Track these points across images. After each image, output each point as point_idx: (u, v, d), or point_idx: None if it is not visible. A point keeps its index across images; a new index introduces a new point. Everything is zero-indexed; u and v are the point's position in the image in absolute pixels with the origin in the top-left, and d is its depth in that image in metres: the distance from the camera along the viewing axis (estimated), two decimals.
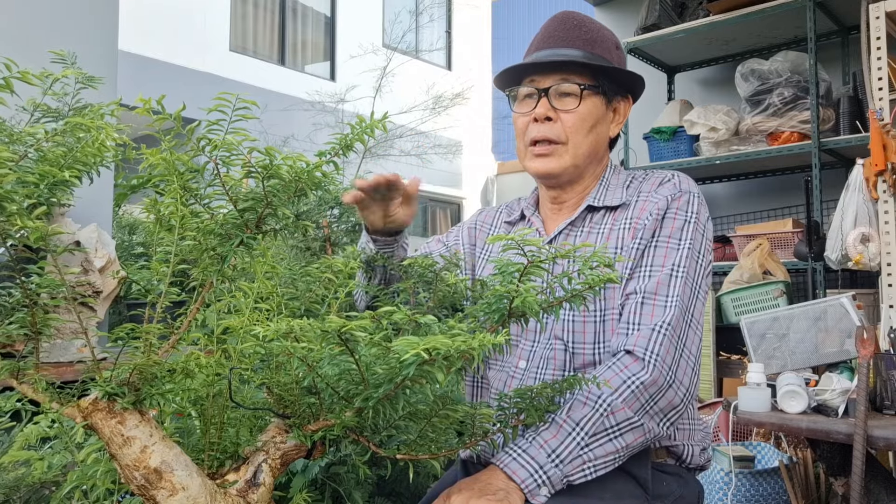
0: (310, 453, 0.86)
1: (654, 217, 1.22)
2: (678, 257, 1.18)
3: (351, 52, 10.90)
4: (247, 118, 0.71)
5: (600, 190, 1.32)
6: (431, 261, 1.10)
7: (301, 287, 1.00)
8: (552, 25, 1.32)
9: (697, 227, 1.22)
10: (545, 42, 1.31)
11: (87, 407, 0.73)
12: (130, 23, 7.52)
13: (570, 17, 1.33)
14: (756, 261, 3.27)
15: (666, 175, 1.29)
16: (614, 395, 1.07)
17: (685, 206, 1.23)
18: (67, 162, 0.68)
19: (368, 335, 0.66)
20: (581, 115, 1.27)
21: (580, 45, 1.29)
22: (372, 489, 1.80)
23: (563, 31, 1.30)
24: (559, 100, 1.27)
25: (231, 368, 0.81)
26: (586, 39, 1.29)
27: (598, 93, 1.28)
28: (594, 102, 1.28)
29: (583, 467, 1.04)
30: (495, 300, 0.79)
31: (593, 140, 1.29)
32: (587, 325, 1.21)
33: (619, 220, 1.26)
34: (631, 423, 1.07)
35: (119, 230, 3.02)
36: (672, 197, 1.24)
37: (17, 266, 0.70)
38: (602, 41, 1.31)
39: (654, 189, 1.27)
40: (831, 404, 1.85)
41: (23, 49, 2.22)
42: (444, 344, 0.62)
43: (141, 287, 0.78)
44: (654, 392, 1.09)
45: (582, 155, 1.28)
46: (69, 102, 0.89)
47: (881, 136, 2.45)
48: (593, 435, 1.05)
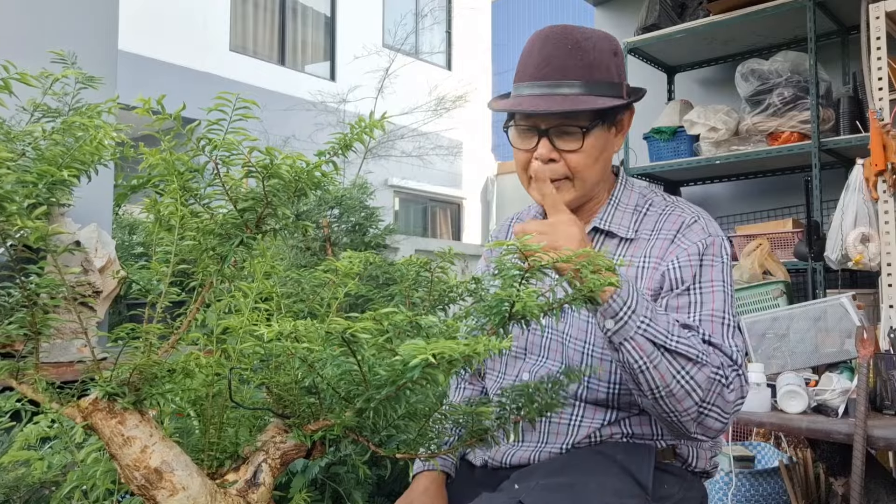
0: (309, 453, 0.86)
1: (691, 265, 1.19)
2: (723, 302, 1.18)
3: (351, 52, 10.91)
4: (247, 118, 0.71)
5: (608, 210, 1.29)
6: (427, 259, 1.10)
7: (307, 289, 1.00)
8: (546, 48, 1.22)
9: (731, 270, 1.23)
10: (540, 71, 1.21)
11: (88, 407, 0.73)
12: (130, 23, 7.52)
13: (566, 36, 1.22)
14: (756, 261, 3.27)
15: (689, 214, 1.26)
16: (707, 356, 1.08)
17: (720, 252, 1.22)
18: (66, 161, 0.68)
19: (372, 337, 0.67)
20: (586, 153, 1.21)
21: (578, 75, 1.20)
22: (372, 489, 1.80)
23: (560, 58, 1.20)
24: (561, 139, 1.21)
25: (231, 368, 0.81)
26: (584, 64, 1.20)
27: (601, 124, 1.22)
28: (597, 135, 1.22)
29: (652, 342, 1.04)
30: (496, 303, 0.79)
31: (601, 168, 1.26)
32: (604, 364, 1.21)
33: (638, 257, 1.24)
34: (704, 378, 1.06)
35: (119, 230, 3.02)
36: (705, 244, 1.21)
37: (17, 266, 0.70)
38: (600, 59, 1.22)
39: (676, 229, 1.24)
40: (831, 404, 1.85)
41: (23, 49, 2.22)
42: (451, 349, 0.63)
43: (141, 287, 0.78)
44: (725, 388, 1.09)
45: (590, 184, 1.25)
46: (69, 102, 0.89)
47: (881, 136, 2.45)
48: (678, 339, 1.06)
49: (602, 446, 1.20)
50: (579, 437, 1.21)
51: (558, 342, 1.26)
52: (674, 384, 1.04)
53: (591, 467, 1.15)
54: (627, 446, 1.20)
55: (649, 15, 3.92)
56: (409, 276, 1.04)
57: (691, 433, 1.10)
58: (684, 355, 1.05)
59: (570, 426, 1.21)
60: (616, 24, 4.61)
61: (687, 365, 1.05)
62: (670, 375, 1.04)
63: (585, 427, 1.21)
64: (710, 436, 1.12)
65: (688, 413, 1.07)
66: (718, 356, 1.10)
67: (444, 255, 1.11)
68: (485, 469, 1.30)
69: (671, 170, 3.86)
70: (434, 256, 1.09)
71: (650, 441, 1.22)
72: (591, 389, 1.20)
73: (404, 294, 1.06)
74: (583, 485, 1.10)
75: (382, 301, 1.10)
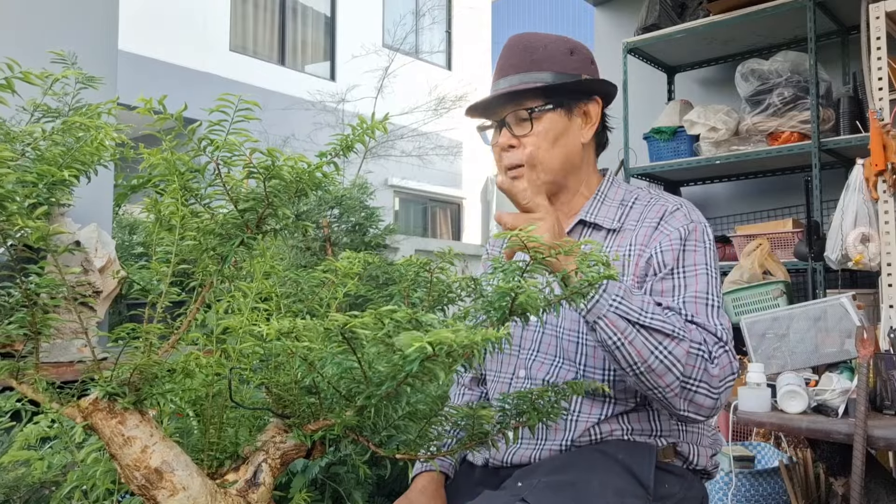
0: (309, 453, 0.86)
1: (672, 249, 1.22)
2: (706, 284, 1.20)
3: (351, 52, 10.91)
4: (249, 119, 0.71)
5: (594, 204, 1.34)
6: (427, 259, 1.10)
7: (306, 290, 1.00)
8: (503, 55, 1.36)
9: (715, 254, 1.26)
10: (499, 73, 1.34)
11: (88, 407, 0.73)
12: (130, 23, 7.52)
13: (517, 42, 1.34)
14: (756, 261, 3.27)
15: (672, 204, 1.30)
16: (687, 332, 1.10)
17: (702, 237, 1.25)
18: (66, 161, 0.68)
19: (372, 332, 0.66)
20: (539, 136, 1.29)
21: (527, 68, 1.31)
22: (372, 489, 1.80)
23: (512, 58, 1.33)
24: (518, 125, 1.31)
25: (231, 368, 0.81)
26: (532, 61, 1.31)
27: (553, 108, 1.30)
28: (550, 118, 1.30)
29: (625, 318, 1.07)
30: (497, 297, 0.79)
31: (561, 153, 1.31)
32: (598, 353, 1.23)
33: (624, 247, 1.27)
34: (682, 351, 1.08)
35: (119, 230, 3.02)
36: (688, 229, 1.25)
37: (17, 266, 0.70)
38: (549, 55, 1.32)
39: (659, 217, 1.27)
40: (831, 404, 1.85)
41: (23, 49, 2.22)
42: (448, 338, 0.62)
43: (141, 287, 0.78)
44: (708, 363, 1.10)
45: (553, 169, 1.31)
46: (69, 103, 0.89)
47: (881, 136, 2.45)
48: (653, 315, 1.08)
49: (603, 445, 1.20)
50: (578, 433, 1.21)
51: (552, 335, 1.27)
52: (652, 359, 1.07)
53: (593, 466, 1.15)
54: (629, 445, 1.20)
55: (649, 15, 3.92)
56: (408, 276, 1.05)
57: (682, 411, 1.12)
58: (660, 331, 1.07)
59: (567, 421, 1.22)
60: (616, 24, 4.62)
61: (665, 340, 1.07)
62: (647, 351, 1.07)
63: (583, 422, 1.21)
64: (702, 414, 1.12)
65: (671, 389, 1.09)
66: (701, 333, 1.13)
67: (444, 255, 1.11)
68: (486, 468, 1.30)
69: (671, 170, 3.86)
70: (434, 257, 1.09)
71: (650, 439, 1.22)
72: (587, 381, 1.21)
73: (403, 294, 1.06)
74: (585, 483, 1.10)
75: (381, 301, 1.10)
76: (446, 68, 13.06)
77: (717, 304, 1.19)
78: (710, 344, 1.12)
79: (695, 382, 1.09)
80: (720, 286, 1.23)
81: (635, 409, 1.23)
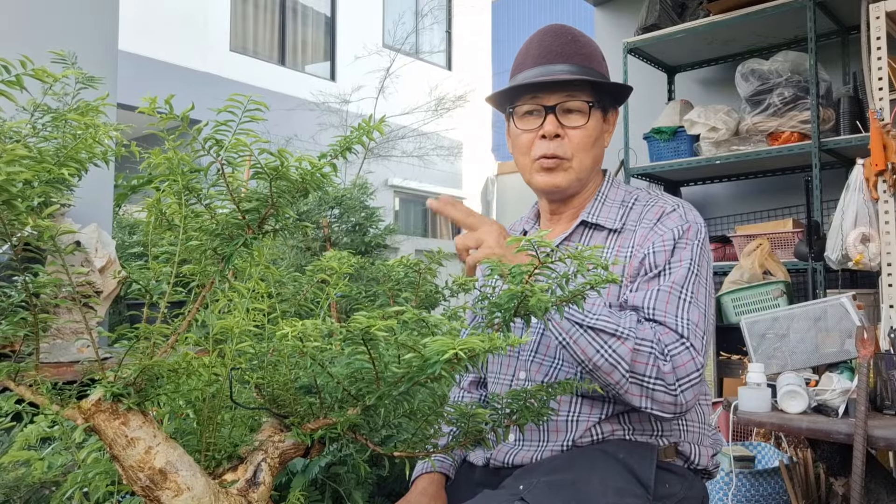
0: (307, 452, 0.86)
1: (665, 250, 1.22)
2: (684, 278, 1.20)
3: (351, 52, 10.90)
4: (255, 120, 0.71)
5: (595, 205, 1.34)
6: (417, 260, 1.11)
7: (290, 290, 1.00)
8: (547, 40, 1.31)
9: (704, 252, 1.26)
10: (542, 58, 1.30)
11: (90, 408, 0.73)
12: (130, 23, 7.52)
13: (564, 31, 1.32)
14: (756, 261, 3.27)
15: (670, 205, 1.29)
16: (635, 331, 1.10)
17: (695, 236, 1.25)
18: (60, 159, 0.68)
19: (391, 335, 0.68)
20: (588, 132, 1.29)
21: (578, 61, 1.29)
22: (372, 489, 1.80)
23: (560, 45, 1.30)
24: (565, 116, 1.28)
25: (232, 369, 0.81)
26: (583, 55, 1.30)
27: (599, 108, 1.31)
28: (597, 118, 1.31)
29: (568, 319, 1.09)
30: (507, 299, 0.80)
31: (595, 154, 1.32)
32: None
33: (625, 248, 1.27)
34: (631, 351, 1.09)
35: (119, 230, 3.02)
36: (682, 229, 1.25)
37: (20, 265, 0.70)
38: (595, 56, 1.32)
39: (657, 219, 1.27)
40: (831, 404, 1.85)
41: (23, 49, 2.22)
42: (478, 345, 0.65)
43: (141, 287, 0.78)
44: (659, 360, 1.10)
45: (585, 169, 1.31)
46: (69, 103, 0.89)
47: (881, 136, 2.45)
48: (598, 316, 1.10)
49: (604, 444, 1.20)
50: (579, 433, 1.21)
51: (550, 337, 1.27)
52: (597, 357, 1.09)
53: (593, 465, 1.15)
54: (629, 444, 1.20)
55: (649, 15, 3.92)
56: (394, 276, 1.06)
57: (647, 409, 1.12)
58: (604, 330, 1.09)
59: (568, 422, 1.22)
60: (616, 24, 4.62)
61: (609, 339, 1.09)
62: (592, 350, 1.09)
63: (584, 422, 1.21)
64: (667, 411, 1.12)
65: (620, 385, 1.10)
66: (655, 331, 1.13)
67: (433, 256, 1.12)
68: (486, 469, 1.30)
69: (671, 170, 3.86)
70: (423, 257, 1.10)
71: (652, 438, 1.22)
72: (583, 381, 1.22)
73: (388, 295, 1.07)
74: (585, 482, 1.10)
75: (366, 301, 1.11)
76: (446, 68, 13.06)
77: (689, 299, 1.18)
78: (664, 342, 1.12)
79: (649, 380, 1.10)
80: (704, 284, 1.22)
81: (636, 409, 1.22)
